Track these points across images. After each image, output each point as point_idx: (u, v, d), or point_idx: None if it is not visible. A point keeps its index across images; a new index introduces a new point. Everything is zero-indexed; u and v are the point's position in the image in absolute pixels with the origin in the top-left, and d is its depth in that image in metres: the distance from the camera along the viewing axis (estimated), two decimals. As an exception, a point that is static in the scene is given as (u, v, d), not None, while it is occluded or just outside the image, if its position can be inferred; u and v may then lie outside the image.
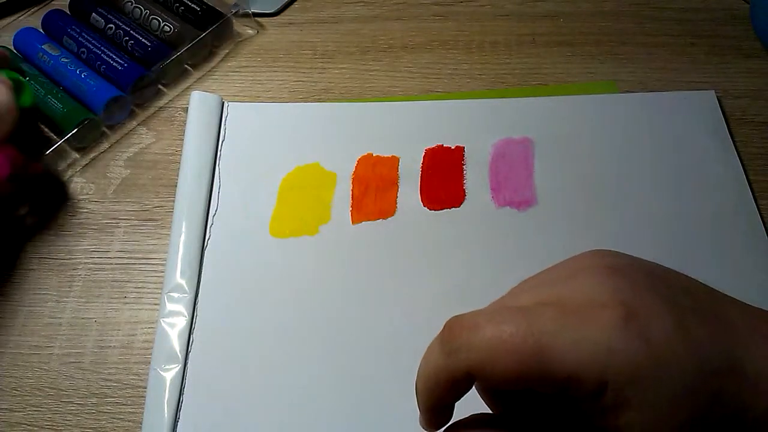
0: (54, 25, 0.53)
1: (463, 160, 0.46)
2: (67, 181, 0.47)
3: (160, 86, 0.51)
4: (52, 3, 0.55)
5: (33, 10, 0.54)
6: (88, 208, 0.45)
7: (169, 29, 0.52)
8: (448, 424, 0.24)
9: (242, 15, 0.54)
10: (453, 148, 0.46)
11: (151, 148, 0.48)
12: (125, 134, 0.49)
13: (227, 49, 0.54)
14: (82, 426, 0.37)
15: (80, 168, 0.48)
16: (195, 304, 0.40)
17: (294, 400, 0.37)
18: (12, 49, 0.52)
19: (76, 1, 0.55)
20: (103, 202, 0.46)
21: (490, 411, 0.25)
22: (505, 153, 0.46)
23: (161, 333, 0.39)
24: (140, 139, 0.49)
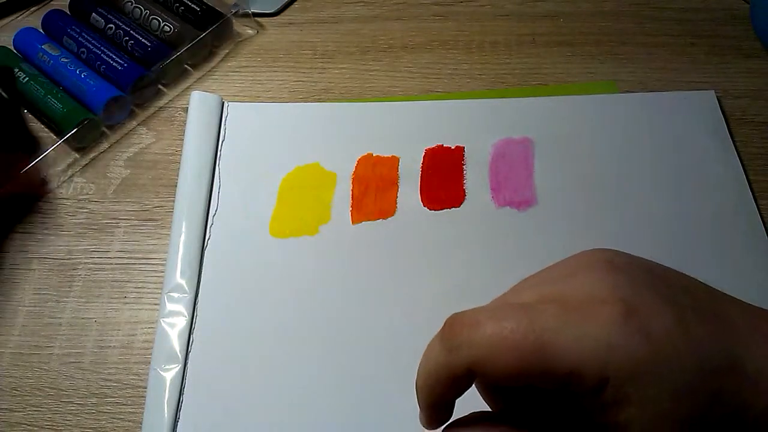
0: (54, 25, 0.53)
1: (463, 160, 0.46)
2: (68, 181, 0.47)
3: (160, 86, 0.51)
4: (52, 3, 0.55)
5: (33, 10, 0.54)
6: (88, 208, 0.45)
7: (169, 29, 0.52)
8: (448, 422, 0.24)
9: (242, 15, 0.54)
10: (453, 148, 0.46)
11: (151, 148, 0.48)
12: (125, 134, 0.49)
13: (227, 49, 0.54)
14: (82, 426, 0.37)
15: (80, 168, 0.48)
16: (195, 304, 0.40)
17: (294, 400, 0.37)
18: (12, 49, 0.52)
19: (76, 1, 0.55)
20: (103, 202, 0.46)
21: (490, 409, 0.25)
22: (505, 153, 0.46)
23: (161, 333, 0.39)
24: (140, 139, 0.49)
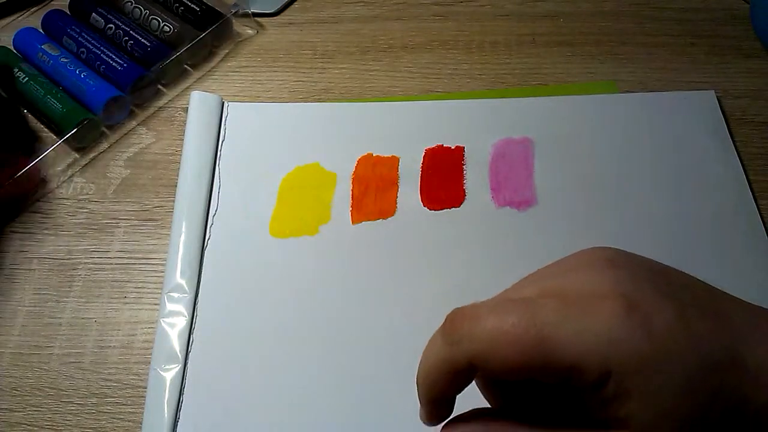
0: (54, 25, 0.53)
1: (463, 160, 0.46)
2: (67, 181, 0.47)
3: (159, 86, 0.51)
4: (52, 3, 0.55)
5: (33, 10, 0.54)
6: (88, 208, 0.45)
7: (168, 29, 0.52)
8: (449, 419, 0.24)
9: (242, 15, 0.54)
10: (453, 148, 0.46)
11: (151, 148, 0.48)
12: (125, 134, 0.49)
13: (227, 49, 0.54)
14: (82, 426, 0.37)
15: (80, 168, 0.48)
16: (195, 304, 0.40)
17: (294, 400, 0.37)
18: (12, 49, 0.52)
19: (76, 1, 0.55)
20: (103, 202, 0.46)
21: (490, 406, 0.25)
22: (505, 153, 0.46)
23: (161, 333, 0.39)
24: (140, 139, 0.49)
